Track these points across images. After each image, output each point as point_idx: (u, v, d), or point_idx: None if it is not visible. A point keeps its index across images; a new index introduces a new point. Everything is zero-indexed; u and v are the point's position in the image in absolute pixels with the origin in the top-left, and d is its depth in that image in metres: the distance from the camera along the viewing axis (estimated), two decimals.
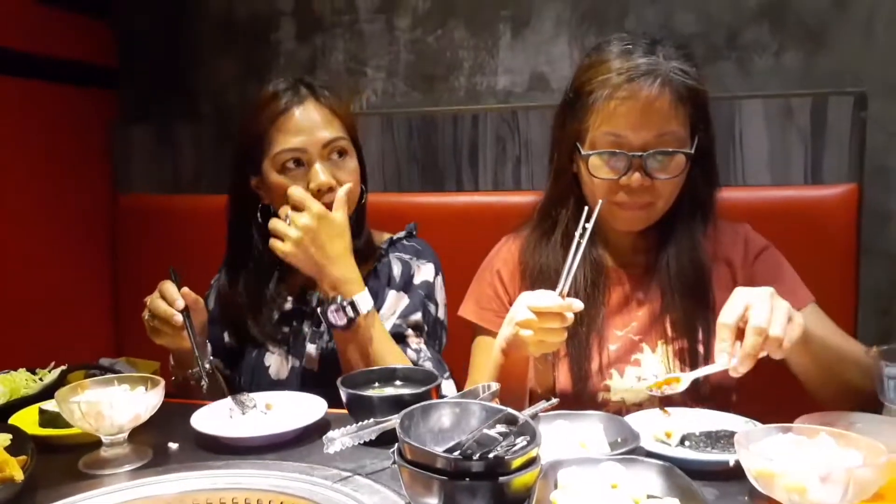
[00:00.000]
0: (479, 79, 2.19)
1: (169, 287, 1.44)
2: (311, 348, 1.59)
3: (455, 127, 2.16)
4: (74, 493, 1.06)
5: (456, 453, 0.87)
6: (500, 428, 0.85)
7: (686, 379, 1.20)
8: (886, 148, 1.91)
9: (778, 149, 1.93)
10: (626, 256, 1.49)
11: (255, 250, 1.62)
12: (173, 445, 1.24)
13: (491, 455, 0.85)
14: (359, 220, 1.62)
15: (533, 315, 1.19)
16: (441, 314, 1.65)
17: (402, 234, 1.72)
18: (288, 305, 1.64)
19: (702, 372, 1.21)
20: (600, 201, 1.30)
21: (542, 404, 1.23)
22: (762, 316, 1.08)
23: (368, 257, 1.62)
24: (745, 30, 1.98)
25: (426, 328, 1.60)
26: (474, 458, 0.84)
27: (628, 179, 1.33)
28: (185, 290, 1.44)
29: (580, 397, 1.40)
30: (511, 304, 1.37)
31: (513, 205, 2.08)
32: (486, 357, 1.44)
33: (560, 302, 1.18)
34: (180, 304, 1.41)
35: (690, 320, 1.39)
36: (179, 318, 1.40)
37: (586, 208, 1.27)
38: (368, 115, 2.26)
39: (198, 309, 1.48)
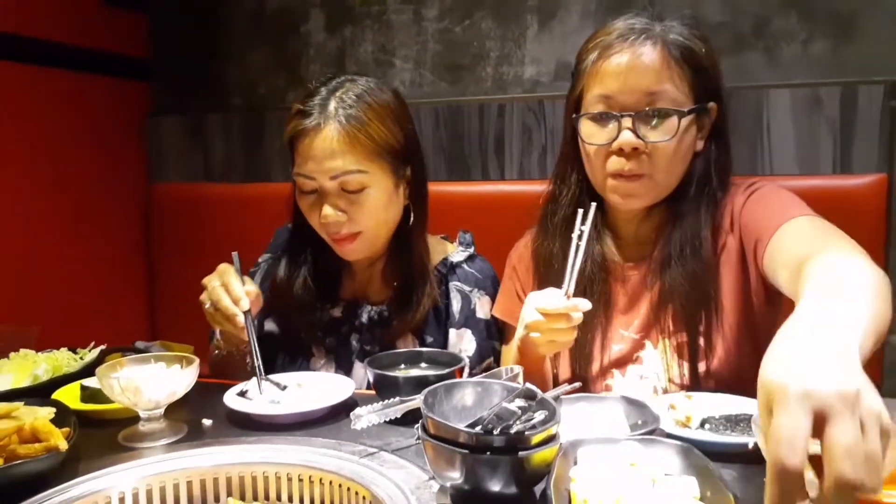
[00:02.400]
0: (505, 69, 2.21)
1: (234, 281, 1.40)
2: (358, 366, 1.57)
3: (481, 117, 2.18)
4: (114, 463, 1.11)
5: (477, 428, 0.90)
6: (520, 402, 0.87)
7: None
8: None
9: (806, 138, 1.92)
10: (632, 250, 1.46)
11: (314, 246, 1.59)
12: (207, 422, 1.29)
13: (511, 430, 0.87)
14: (403, 246, 1.56)
15: (541, 317, 1.19)
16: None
17: (462, 255, 1.64)
18: (338, 313, 1.63)
19: None
20: (593, 204, 1.24)
21: (565, 387, 1.25)
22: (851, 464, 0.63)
23: (424, 277, 1.56)
24: (772, 18, 1.98)
25: (493, 362, 1.58)
26: (495, 433, 0.87)
27: (619, 142, 1.28)
28: (249, 288, 1.41)
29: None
30: (527, 293, 1.40)
31: (539, 194, 2.09)
32: (511, 353, 1.44)
33: (566, 303, 1.18)
34: (245, 304, 1.38)
35: (690, 314, 1.35)
36: (242, 319, 1.38)
37: (580, 211, 1.23)
38: None
39: (257, 304, 1.45)
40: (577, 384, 1.28)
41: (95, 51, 2.43)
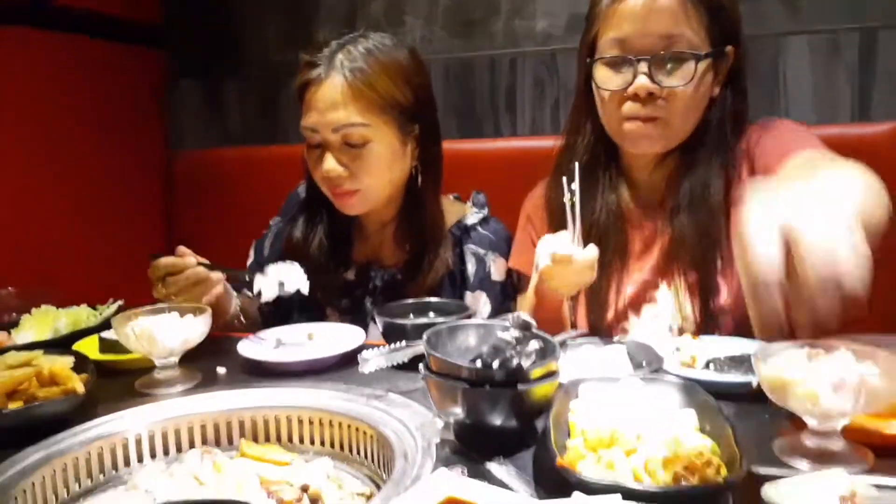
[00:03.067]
0: (517, 22, 2.19)
1: (163, 262, 1.39)
2: (373, 328, 1.54)
3: (493, 72, 2.17)
4: (130, 407, 1.15)
5: (477, 363, 0.91)
6: (514, 333, 0.88)
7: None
8: None
9: (824, 86, 1.89)
10: (647, 197, 1.45)
11: (328, 206, 1.58)
12: (221, 370, 1.32)
13: (510, 364, 0.89)
14: (415, 208, 1.56)
15: (551, 262, 1.19)
16: None
17: (476, 217, 1.64)
18: (351, 276, 1.65)
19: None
20: (577, 164, 1.21)
21: (572, 333, 1.27)
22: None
23: (437, 240, 1.56)
24: None
25: None
26: (494, 366, 0.88)
27: (635, 87, 1.26)
28: (180, 248, 1.42)
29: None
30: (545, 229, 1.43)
31: (551, 149, 2.08)
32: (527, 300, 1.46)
33: (573, 250, 1.17)
34: (190, 260, 1.39)
35: (701, 257, 1.34)
36: (202, 270, 1.39)
37: (566, 178, 1.18)
38: None
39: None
40: (584, 330, 1.29)
41: (112, 17, 2.45)
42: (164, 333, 1.22)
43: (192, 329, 1.25)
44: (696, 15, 1.26)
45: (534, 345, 0.89)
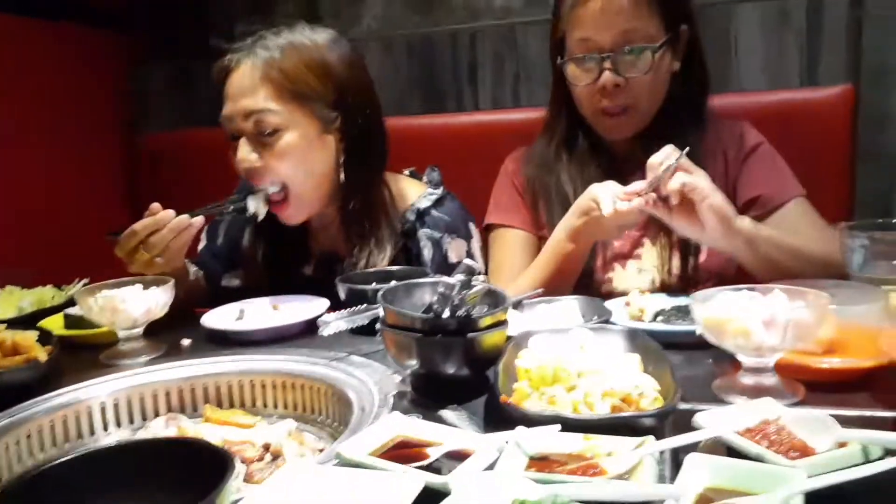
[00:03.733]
0: None
1: (141, 225, 1.35)
2: None
3: (454, 47, 2.19)
4: (95, 377, 1.17)
5: (431, 315, 0.94)
6: (460, 276, 0.91)
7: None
8: (884, 47, 1.89)
9: (774, 53, 1.93)
10: (629, 163, 1.51)
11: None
12: (186, 341, 1.34)
13: (460, 314, 0.92)
14: (352, 198, 1.52)
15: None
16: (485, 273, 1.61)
17: (429, 199, 1.61)
18: (309, 271, 1.64)
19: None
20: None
21: (528, 293, 1.30)
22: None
23: (384, 227, 1.54)
24: None
25: None
26: (444, 315, 0.91)
27: (602, 82, 1.38)
28: (153, 205, 1.38)
29: (587, 290, 1.47)
30: (528, 204, 1.55)
31: (512, 122, 2.12)
32: (509, 251, 1.56)
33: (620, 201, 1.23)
34: (168, 212, 1.35)
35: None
36: (185, 216, 1.35)
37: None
38: (368, 40, 2.29)
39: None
40: (540, 290, 1.33)
41: (76, 0, 2.43)
42: (126, 303, 1.24)
43: (155, 299, 1.27)
44: (648, 7, 1.38)
45: (478, 286, 0.92)
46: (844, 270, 1.17)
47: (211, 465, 0.61)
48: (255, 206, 1.47)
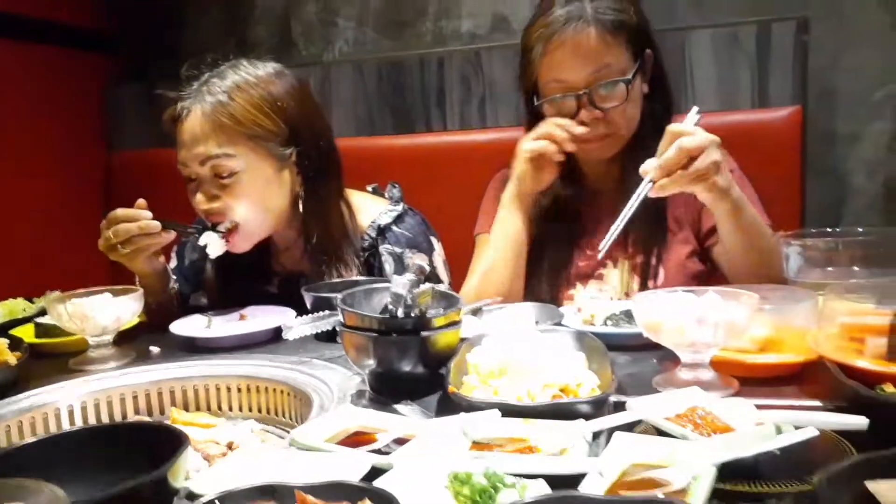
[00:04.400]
0: (444, 23, 2.29)
1: (120, 212, 1.42)
2: None
3: (422, 70, 2.26)
4: (62, 381, 1.20)
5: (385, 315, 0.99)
6: (410, 276, 0.96)
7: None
8: (829, 71, 2.00)
9: (726, 75, 2.02)
10: (600, 182, 1.59)
11: None
12: (155, 349, 1.37)
13: (414, 314, 0.97)
14: (312, 222, 1.55)
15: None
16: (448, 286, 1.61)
17: (389, 216, 1.63)
18: (273, 289, 1.67)
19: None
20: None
21: (487, 301, 1.36)
22: (693, 143, 1.17)
23: (344, 244, 1.57)
24: None
25: None
26: (399, 314, 0.96)
27: (581, 117, 1.44)
28: (139, 201, 1.44)
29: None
30: None
31: (479, 142, 2.19)
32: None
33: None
34: (146, 213, 1.41)
35: (648, 239, 1.51)
36: (157, 223, 1.40)
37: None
38: (340, 63, 2.36)
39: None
40: (498, 298, 1.39)
41: (54, 22, 2.48)
42: (96, 311, 1.27)
43: (125, 307, 1.31)
44: (616, 44, 1.43)
45: (427, 286, 0.97)
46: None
47: (167, 444, 0.65)
48: (210, 243, 1.47)
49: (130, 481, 0.56)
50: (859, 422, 0.71)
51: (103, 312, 1.28)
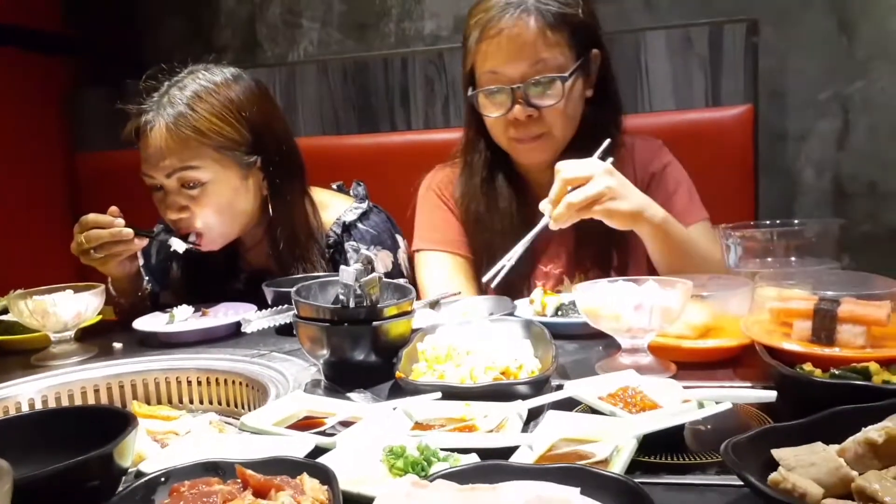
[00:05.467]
0: (407, 24, 2.33)
1: (93, 217, 1.44)
2: None
3: (386, 71, 2.29)
4: (24, 377, 1.21)
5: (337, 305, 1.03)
6: (357, 266, 1.00)
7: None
8: (778, 71, 2.07)
9: (680, 76, 2.08)
10: (546, 191, 1.49)
11: None
12: (118, 345, 1.39)
13: (365, 304, 1.01)
14: (277, 222, 1.58)
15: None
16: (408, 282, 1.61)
17: (354, 213, 1.65)
18: (241, 286, 1.69)
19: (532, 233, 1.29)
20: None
21: (447, 293, 1.40)
22: (570, 174, 1.20)
23: (316, 249, 1.59)
24: None
25: None
26: (350, 304, 1.00)
27: (514, 113, 1.38)
28: (112, 208, 1.46)
29: None
30: (459, 218, 1.56)
31: (443, 141, 2.22)
32: (438, 275, 1.55)
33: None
34: (120, 220, 1.44)
35: (602, 251, 1.49)
36: (129, 230, 1.43)
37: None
38: (305, 64, 2.39)
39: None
40: (460, 291, 1.43)
41: (11, 26, 2.47)
42: (57, 307, 1.29)
43: (86, 303, 1.32)
44: (557, 37, 1.37)
45: (374, 275, 1.00)
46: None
47: (118, 427, 0.67)
48: (176, 244, 1.51)
49: (76, 458, 0.59)
50: (768, 395, 0.76)
51: (64, 308, 1.30)
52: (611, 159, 1.29)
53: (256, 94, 1.54)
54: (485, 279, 1.26)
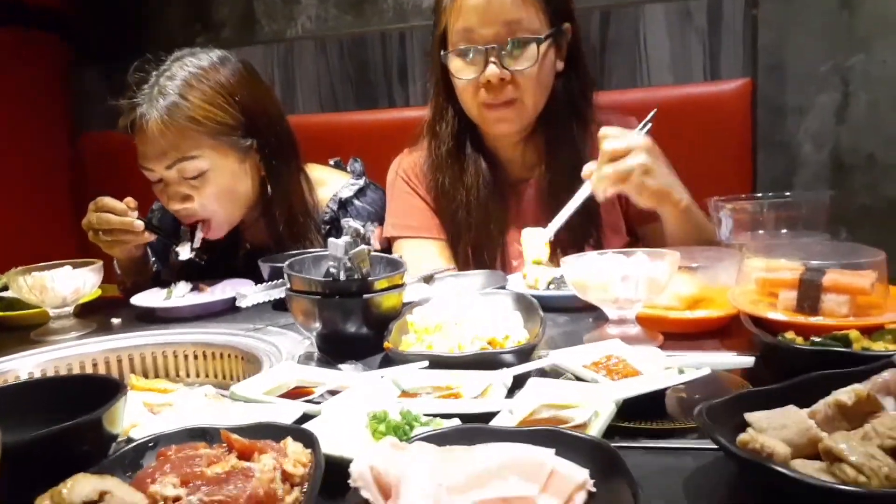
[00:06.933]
0: None
1: (110, 201, 1.47)
2: None
3: (384, 46, 2.29)
4: (23, 351, 1.23)
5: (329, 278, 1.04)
6: (346, 238, 1.01)
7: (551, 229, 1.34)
8: (778, 44, 2.05)
9: (679, 50, 2.07)
10: (520, 172, 1.56)
11: None
12: (116, 320, 1.41)
13: (356, 277, 1.02)
14: (275, 202, 1.59)
15: None
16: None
17: (351, 189, 1.66)
18: (239, 264, 1.69)
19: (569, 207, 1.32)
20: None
21: (440, 267, 1.41)
22: (611, 145, 1.22)
23: (308, 226, 1.61)
24: None
25: None
26: (341, 277, 1.01)
27: (487, 75, 1.36)
28: (128, 199, 1.49)
29: None
30: (430, 201, 1.54)
31: None
32: (418, 262, 1.51)
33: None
34: (133, 212, 1.46)
35: (578, 227, 1.45)
36: (140, 223, 1.47)
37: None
38: (302, 40, 2.38)
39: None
40: (452, 266, 1.44)
41: (12, 3, 2.47)
42: (55, 282, 1.31)
43: (83, 278, 1.34)
44: (534, 1, 1.37)
45: (364, 248, 1.01)
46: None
47: (108, 394, 0.69)
48: (183, 252, 1.54)
49: (66, 423, 0.61)
50: (746, 361, 0.77)
51: (62, 284, 1.32)
52: (649, 126, 1.31)
53: (245, 76, 1.54)
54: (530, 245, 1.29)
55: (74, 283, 1.32)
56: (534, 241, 1.36)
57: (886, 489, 0.54)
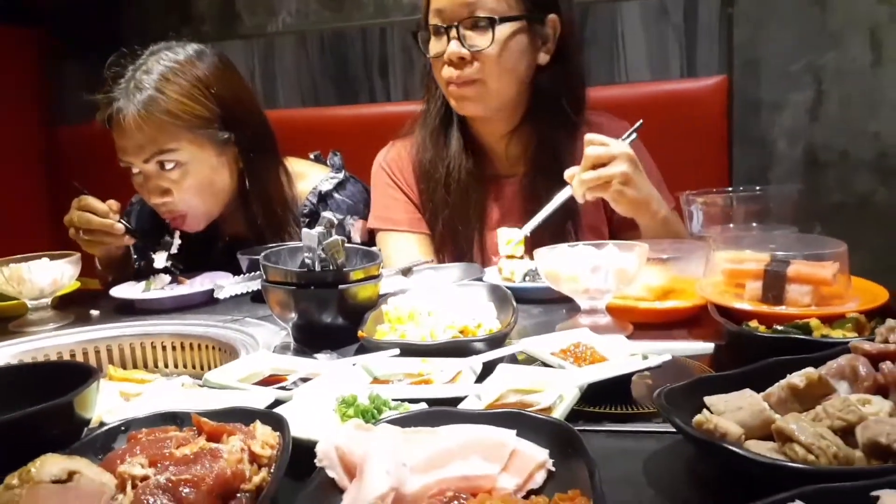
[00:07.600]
0: None
1: (91, 201, 1.47)
2: None
3: (364, 41, 2.30)
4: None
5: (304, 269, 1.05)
6: (319, 229, 1.02)
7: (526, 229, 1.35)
8: (753, 42, 2.08)
9: (656, 46, 2.10)
10: (504, 167, 1.57)
11: None
12: (94, 312, 1.42)
13: (331, 267, 1.03)
14: (253, 194, 1.60)
15: None
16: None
17: (330, 183, 1.67)
18: (218, 257, 1.67)
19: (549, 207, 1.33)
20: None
21: (419, 260, 1.42)
22: (595, 151, 1.24)
23: (286, 219, 1.62)
24: None
25: None
26: (316, 267, 1.02)
27: (448, 54, 1.39)
28: (111, 201, 1.49)
29: None
30: (413, 197, 1.56)
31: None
32: (399, 254, 1.55)
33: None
34: (114, 215, 1.46)
35: (559, 224, 1.46)
36: (121, 226, 1.47)
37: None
38: (283, 35, 2.39)
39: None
40: (431, 258, 1.45)
41: None
42: (33, 274, 1.31)
43: (61, 271, 1.34)
44: None
45: (338, 237, 1.02)
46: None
47: (81, 379, 0.70)
48: (158, 260, 1.52)
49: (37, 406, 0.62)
50: (706, 347, 0.80)
51: (40, 275, 1.32)
52: (634, 136, 1.33)
53: (222, 69, 1.54)
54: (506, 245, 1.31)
55: (52, 274, 1.33)
56: (508, 239, 1.37)
57: (834, 467, 0.56)
